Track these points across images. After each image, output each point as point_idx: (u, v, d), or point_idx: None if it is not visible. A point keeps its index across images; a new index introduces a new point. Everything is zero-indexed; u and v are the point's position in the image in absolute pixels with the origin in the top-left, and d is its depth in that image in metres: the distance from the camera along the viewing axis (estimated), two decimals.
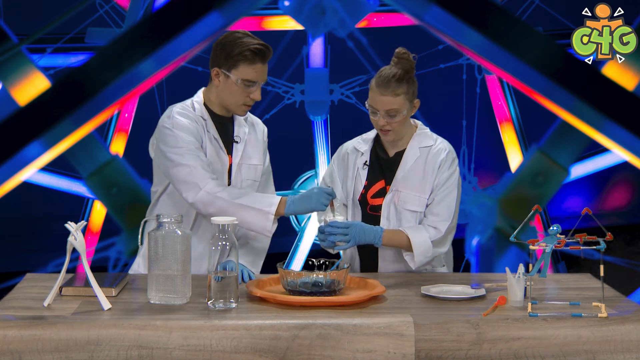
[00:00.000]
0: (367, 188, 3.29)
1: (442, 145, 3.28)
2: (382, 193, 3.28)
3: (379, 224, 3.25)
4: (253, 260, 3.28)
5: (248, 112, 3.35)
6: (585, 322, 2.59)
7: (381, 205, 3.27)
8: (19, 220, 5.86)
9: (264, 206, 3.06)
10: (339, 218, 3.05)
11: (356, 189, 3.31)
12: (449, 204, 3.24)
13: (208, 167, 3.14)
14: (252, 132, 3.32)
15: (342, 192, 3.34)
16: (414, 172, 3.25)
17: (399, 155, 3.28)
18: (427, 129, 3.33)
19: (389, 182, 3.28)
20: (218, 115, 3.25)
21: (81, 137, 5.49)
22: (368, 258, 3.33)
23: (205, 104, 3.24)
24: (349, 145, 3.39)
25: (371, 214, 3.28)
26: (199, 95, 3.27)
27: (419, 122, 3.34)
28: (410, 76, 3.18)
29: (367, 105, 3.21)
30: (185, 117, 3.18)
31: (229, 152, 3.25)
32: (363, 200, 3.30)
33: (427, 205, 3.25)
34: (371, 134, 3.36)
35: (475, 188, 5.90)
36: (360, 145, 3.35)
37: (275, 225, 3.12)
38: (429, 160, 3.25)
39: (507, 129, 5.90)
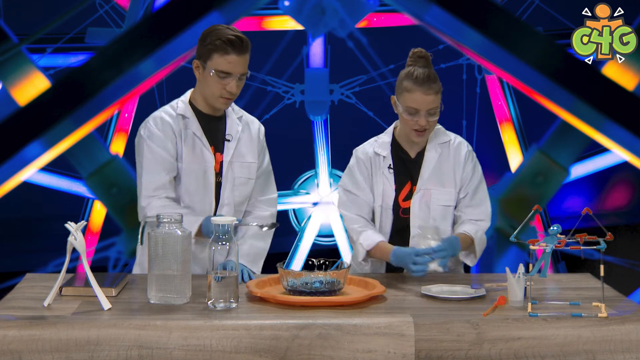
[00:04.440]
0: (397, 191, 3.28)
1: (460, 139, 3.33)
2: (411, 195, 3.28)
3: (408, 225, 3.26)
4: (253, 260, 3.28)
5: (243, 111, 3.35)
6: (585, 322, 2.59)
7: (409, 207, 3.27)
8: (19, 220, 5.86)
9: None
10: (432, 243, 2.99)
11: (386, 193, 3.28)
12: (483, 195, 3.30)
13: (164, 185, 3.16)
14: (247, 131, 3.32)
15: (371, 197, 3.30)
16: (440, 168, 3.27)
17: (421, 155, 3.29)
18: (440, 126, 3.34)
19: (414, 182, 3.28)
20: (204, 113, 3.24)
21: (81, 137, 5.50)
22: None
23: (192, 102, 3.25)
24: (367, 150, 3.32)
25: (403, 217, 3.28)
26: (186, 94, 3.28)
27: None
28: (436, 73, 3.21)
29: (402, 108, 3.17)
30: (161, 122, 3.20)
31: (218, 149, 3.25)
32: (395, 204, 3.28)
33: (459, 200, 3.27)
34: (386, 138, 3.32)
35: None
36: (380, 149, 3.30)
37: (205, 248, 3.13)
38: (452, 154, 3.28)
39: (507, 129, 5.90)
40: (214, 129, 3.26)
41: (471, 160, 3.30)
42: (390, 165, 3.28)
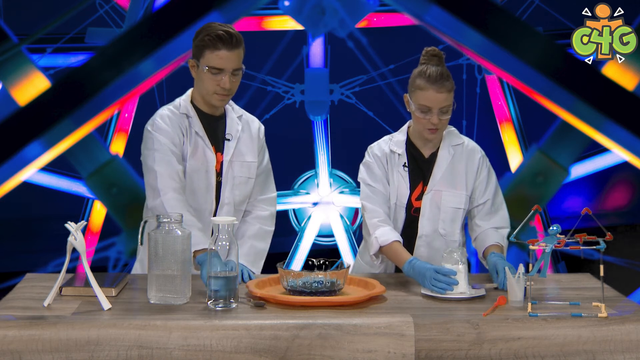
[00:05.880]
0: (410, 190, 3.29)
1: (473, 144, 3.32)
2: (423, 194, 3.29)
3: (417, 224, 3.26)
4: (253, 260, 3.28)
5: (243, 111, 3.35)
6: (585, 322, 2.59)
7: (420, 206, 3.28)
8: (19, 220, 5.86)
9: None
10: (461, 267, 2.91)
11: (400, 192, 3.27)
12: (501, 200, 3.30)
13: (177, 175, 3.13)
14: (246, 130, 3.32)
15: (389, 192, 3.29)
16: (452, 170, 3.26)
17: (434, 155, 3.29)
18: (454, 128, 3.34)
19: (426, 182, 3.28)
20: (205, 113, 3.25)
21: (81, 137, 5.50)
22: None
23: (193, 102, 3.25)
24: (383, 147, 3.31)
25: (414, 216, 3.28)
26: (187, 94, 3.29)
27: None
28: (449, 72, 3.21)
29: (415, 106, 3.16)
30: (168, 119, 3.20)
31: (219, 149, 3.26)
32: (408, 203, 3.27)
33: (478, 208, 3.27)
34: (401, 136, 3.32)
35: None
36: (396, 147, 3.29)
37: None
38: (465, 158, 3.28)
39: (507, 129, 5.90)
40: (215, 129, 3.26)
41: (485, 167, 3.29)
42: (405, 163, 3.28)
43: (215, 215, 3.24)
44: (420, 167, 3.28)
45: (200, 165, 3.22)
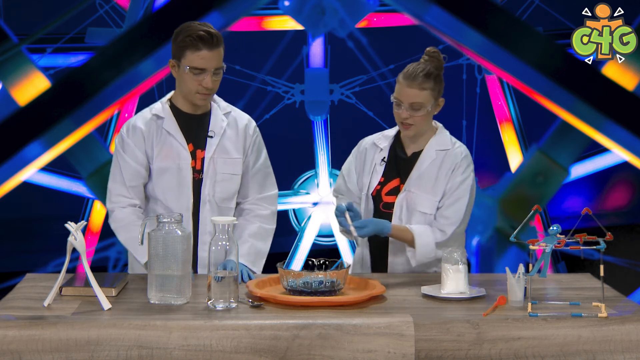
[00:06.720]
0: (382, 184, 3.30)
1: (459, 150, 3.28)
2: (396, 191, 3.29)
3: (389, 221, 3.25)
4: (254, 260, 3.28)
5: (233, 107, 3.35)
6: (585, 322, 2.59)
7: (394, 203, 3.27)
8: (19, 220, 5.87)
9: (138, 255, 3.19)
10: (460, 267, 2.88)
11: (371, 183, 3.31)
12: (459, 208, 3.23)
13: (124, 193, 3.24)
14: (233, 126, 3.31)
15: (357, 185, 3.35)
16: (429, 173, 3.25)
17: (416, 155, 3.29)
18: (447, 132, 3.32)
19: (403, 181, 3.28)
20: (184, 112, 3.26)
21: (81, 137, 5.50)
22: (379, 256, 3.32)
23: (173, 102, 3.28)
24: (369, 140, 3.39)
25: (384, 211, 3.28)
26: (167, 95, 3.33)
27: (439, 125, 3.33)
28: (438, 74, 3.20)
29: (392, 98, 3.22)
30: (132, 130, 3.25)
31: (199, 146, 3.26)
32: (377, 196, 3.30)
33: (438, 208, 3.25)
34: (392, 131, 3.37)
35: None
36: (380, 141, 3.35)
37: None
38: (445, 163, 3.25)
39: (507, 129, 5.91)
40: (195, 127, 3.27)
41: (461, 173, 3.24)
42: (384, 158, 3.30)
43: (197, 213, 3.24)
44: (398, 164, 3.29)
45: (171, 163, 3.23)
